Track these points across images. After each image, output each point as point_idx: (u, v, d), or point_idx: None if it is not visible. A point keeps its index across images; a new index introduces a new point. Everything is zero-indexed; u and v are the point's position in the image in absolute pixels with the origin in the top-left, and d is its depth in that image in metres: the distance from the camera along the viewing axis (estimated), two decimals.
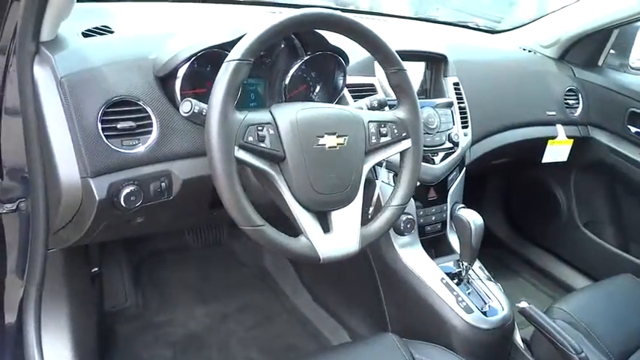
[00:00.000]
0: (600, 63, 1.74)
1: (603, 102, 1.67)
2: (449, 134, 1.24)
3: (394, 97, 0.94)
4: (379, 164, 0.97)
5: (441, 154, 1.23)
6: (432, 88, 1.31)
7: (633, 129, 1.61)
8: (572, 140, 1.63)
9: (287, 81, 1.01)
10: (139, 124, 0.81)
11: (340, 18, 0.82)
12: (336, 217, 0.83)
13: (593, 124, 1.68)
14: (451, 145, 1.24)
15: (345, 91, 1.10)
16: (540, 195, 1.89)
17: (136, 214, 0.87)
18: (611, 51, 1.74)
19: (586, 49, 1.70)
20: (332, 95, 1.09)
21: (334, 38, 0.95)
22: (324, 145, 0.80)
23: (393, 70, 0.88)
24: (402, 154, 0.91)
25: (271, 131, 0.76)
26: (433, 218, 1.24)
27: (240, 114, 0.74)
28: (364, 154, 0.86)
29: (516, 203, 2.01)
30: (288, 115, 0.79)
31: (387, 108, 1.04)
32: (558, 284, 1.83)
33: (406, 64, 0.91)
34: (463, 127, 1.29)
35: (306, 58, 1.01)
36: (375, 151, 0.88)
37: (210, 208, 0.98)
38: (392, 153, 0.90)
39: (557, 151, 1.62)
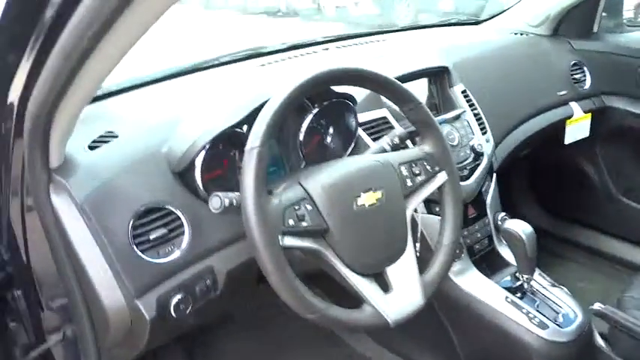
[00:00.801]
0: (595, 29, 1.73)
1: (610, 68, 1.66)
2: (472, 146, 1.22)
3: (409, 124, 0.93)
4: None
5: (469, 168, 1.20)
6: (441, 102, 1.29)
7: None
8: (589, 114, 1.62)
9: (301, 137, 1.00)
10: (170, 229, 0.80)
11: (346, 71, 0.81)
12: (393, 273, 0.81)
13: (606, 92, 1.67)
14: (476, 156, 1.22)
15: (360, 132, 1.09)
16: (570, 174, 1.86)
17: (188, 318, 0.84)
18: (602, 14, 1.73)
19: (578, 19, 1.70)
20: (347, 139, 1.07)
21: None
22: (364, 204, 0.78)
23: (411, 107, 0.87)
24: (440, 188, 0.89)
25: (309, 207, 0.74)
26: (479, 235, 1.21)
27: (274, 198, 0.72)
28: (403, 201, 0.84)
29: (547, 187, 1.98)
30: (320, 183, 0.77)
31: (408, 141, 1.03)
32: (612, 260, 1.79)
33: (409, 85, 0.89)
34: (483, 134, 1.27)
35: (315, 111, 1.00)
36: (413, 194, 0.86)
37: (257, 283, 0.96)
38: (430, 190, 0.88)
39: (578, 128, 1.61)
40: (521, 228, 1.09)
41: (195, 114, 0.91)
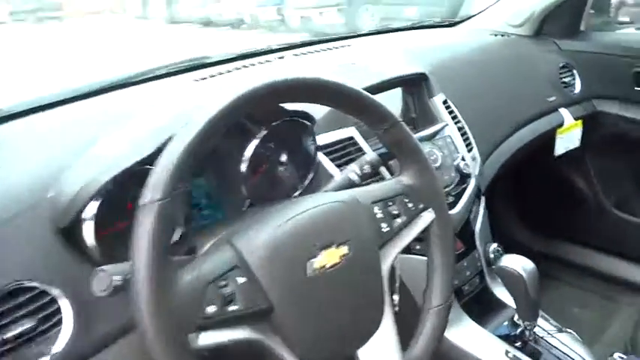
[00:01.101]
0: (583, 27, 1.58)
1: (601, 69, 1.50)
2: (457, 166, 1.02)
3: (381, 146, 0.73)
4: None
5: (455, 193, 1.01)
6: (418, 116, 1.10)
7: None
8: (580, 121, 1.46)
9: (243, 168, 0.79)
10: (41, 318, 0.56)
11: (296, 83, 0.60)
12: (366, 356, 0.60)
13: (598, 96, 1.52)
14: (462, 178, 1.03)
15: (321, 157, 0.88)
16: (558, 188, 1.70)
17: None
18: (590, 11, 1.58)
19: (563, 17, 1.55)
20: (305, 167, 0.87)
21: None
22: (323, 267, 0.57)
23: (386, 127, 0.66)
24: (426, 231, 0.69)
25: (240, 279, 0.53)
26: (468, 273, 1.02)
27: (186, 273, 0.50)
28: (378, 253, 0.63)
29: (533, 203, 1.82)
30: (259, 242, 0.56)
31: (383, 168, 0.83)
32: (610, 280, 1.64)
33: (380, 97, 0.70)
34: (469, 151, 1.08)
35: (262, 134, 0.79)
36: (390, 242, 0.65)
37: None
38: (413, 236, 0.68)
39: (568, 138, 1.45)
40: (520, 265, 0.90)
41: (94, 145, 0.68)
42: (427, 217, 0.69)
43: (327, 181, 0.81)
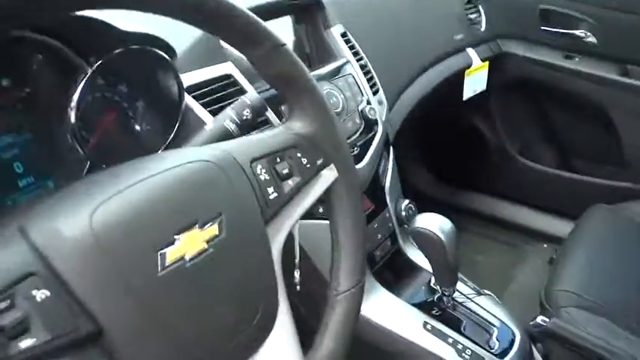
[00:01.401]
0: None
1: (506, 6, 1.43)
2: (361, 111, 0.87)
3: (268, 86, 0.56)
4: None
5: (360, 144, 0.86)
6: (313, 52, 0.92)
7: (548, 29, 1.39)
8: (486, 63, 1.37)
9: (72, 117, 0.57)
10: None
11: None
12: None
13: (502, 35, 1.45)
14: (368, 125, 0.88)
15: (189, 101, 0.68)
16: (462, 134, 1.65)
17: None
18: None
19: None
20: (166, 113, 0.66)
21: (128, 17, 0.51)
22: (181, 257, 0.38)
23: (265, 51, 0.48)
24: (328, 195, 0.53)
25: (40, 294, 0.32)
26: (379, 236, 0.89)
27: None
28: (264, 229, 0.46)
29: (438, 151, 1.76)
30: (74, 230, 0.35)
31: (269, 113, 0.65)
32: (515, 228, 1.64)
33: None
34: (374, 94, 0.93)
35: (94, 68, 0.57)
36: (281, 212, 0.48)
37: None
38: (311, 201, 0.51)
39: (476, 80, 1.37)
40: (437, 226, 0.78)
41: None
42: (328, 175, 0.52)
43: (199, 131, 0.61)
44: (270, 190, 0.47)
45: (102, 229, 0.35)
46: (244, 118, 0.59)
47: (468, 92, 1.33)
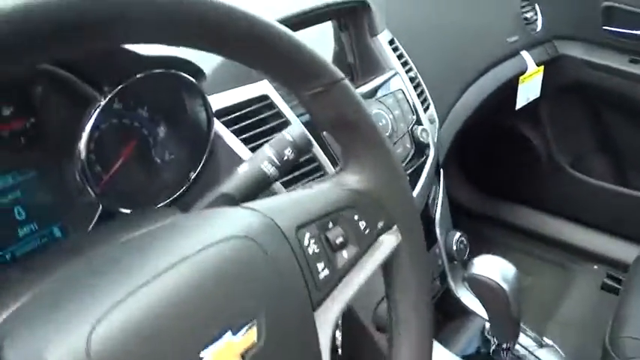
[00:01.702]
0: None
1: (566, 3, 1.30)
2: (412, 132, 0.77)
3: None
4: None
5: (411, 171, 0.77)
6: (357, 62, 0.82)
7: (612, 29, 1.26)
8: (542, 68, 1.26)
9: (83, 153, 0.49)
10: None
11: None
12: None
13: (560, 36, 1.32)
14: (419, 149, 0.78)
15: (219, 127, 0.59)
16: (508, 144, 1.53)
17: None
18: None
19: None
20: (195, 143, 0.58)
21: None
22: None
23: (319, 88, 0.38)
24: (387, 266, 0.44)
25: None
26: None
27: None
28: (312, 317, 0.37)
29: (481, 160, 1.64)
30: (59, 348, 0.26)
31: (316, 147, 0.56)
32: (565, 247, 1.52)
33: (303, 34, 0.44)
34: (425, 110, 0.83)
35: (109, 97, 0.48)
36: (332, 293, 0.39)
37: None
38: (366, 276, 0.42)
39: (530, 87, 1.25)
40: (499, 273, 0.68)
41: None
42: (389, 241, 0.43)
43: (229, 170, 0.53)
44: (321, 266, 0.38)
45: (103, 356, 0.27)
46: (285, 158, 0.50)
47: (521, 101, 1.22)
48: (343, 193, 0.42)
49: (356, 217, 0.41)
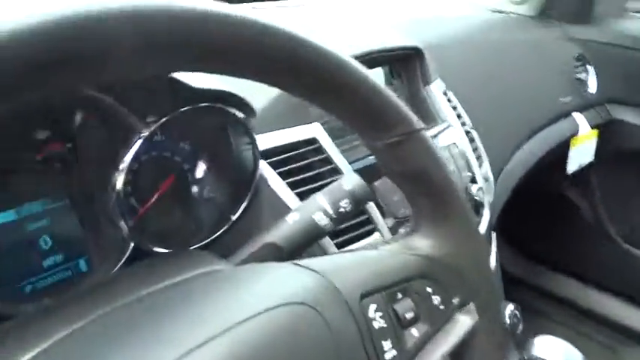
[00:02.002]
0: (595, 12, 1.33)
1: (619, 66, 1.26)
2: (467, 189, 0.72)
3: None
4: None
5: None
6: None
7: None
8: (596, 131, 1.21)
9: (120, 183, 0.45)
10: None
11: (203, 22, 0.25)
12: None
13: (613, 100, 1.28)
14: (474, 208, 0.73)
15: (264, 168, 0.55)
16: (556, 211, 1.46)
17: None
18: None
19: None
20: (238, 183, 0.54)
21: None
22: None
23: (396, 138, 0.34)
24: (460, 349, 0.38)
25: None
26: None
27: None
28: None
29: (527, 227, 1.56)
30: None
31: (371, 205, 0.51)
32: (613, 326, 1.41)
33: None
34: (479, 166, 0.79)
35: (153, 129, 0.45)
36: None
37: None
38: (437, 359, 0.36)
39: (583, 150, 1.20)
40: (562, 358, 0.61)
41: None
42: (464, 320, 0.37)
43: (272, 215, 0.48)
44: (387, 345, 0.32)
45: None
46: (341, 210, 0.45)
47: (572, 165, 1.17)
48: (414, 260, 0.36)
49: (429, 290, 0.36)
